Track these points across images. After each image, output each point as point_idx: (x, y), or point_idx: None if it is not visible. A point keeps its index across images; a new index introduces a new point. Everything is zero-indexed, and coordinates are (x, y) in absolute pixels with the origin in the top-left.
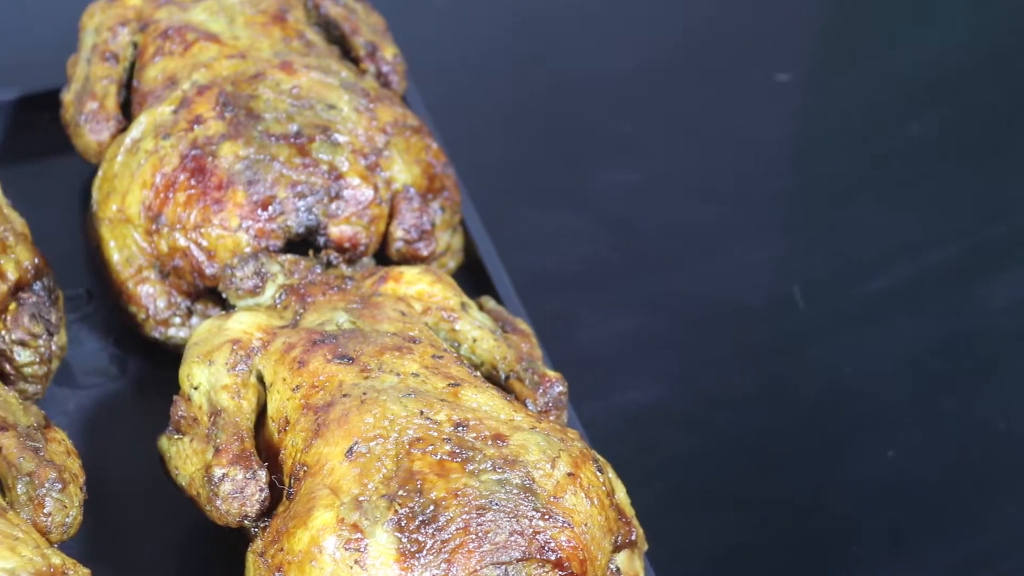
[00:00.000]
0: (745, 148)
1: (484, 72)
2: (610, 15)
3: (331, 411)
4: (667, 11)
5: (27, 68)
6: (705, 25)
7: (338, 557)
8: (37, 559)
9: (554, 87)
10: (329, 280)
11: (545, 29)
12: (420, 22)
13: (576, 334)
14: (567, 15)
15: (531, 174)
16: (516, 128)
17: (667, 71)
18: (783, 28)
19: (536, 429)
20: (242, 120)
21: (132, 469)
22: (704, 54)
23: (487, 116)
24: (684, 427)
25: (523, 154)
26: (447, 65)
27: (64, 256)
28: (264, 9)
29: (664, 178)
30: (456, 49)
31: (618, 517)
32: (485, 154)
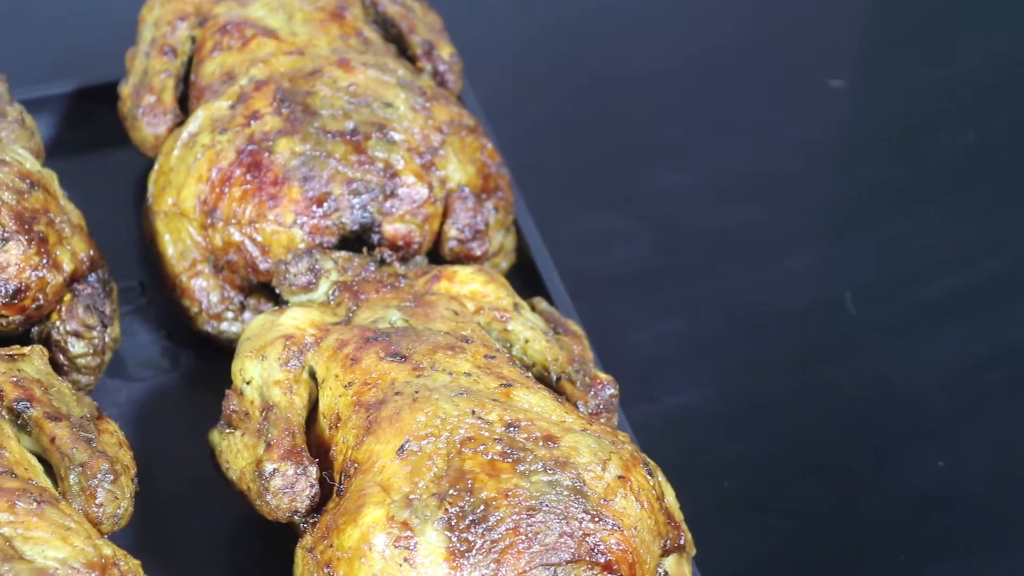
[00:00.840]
0: (796, 152)
1: (539, 73)
2: (666, 18)
3: (383, 409)
4: (722, 15)
5: (85, 60)
6: (759, 29)
7: (387, 555)
8: (88, 549)
9: (607, 89)
10: (382, 278)
11: (600, 31)
12: (476, 22)
13: (624, 336)
14: (622, 17)
15: (583, 175)
16: (569, 129)
17: (720, 75)
18: (838, 34)
19: (587, 431)
20: (299, 116)
21: (182, 462)
22: (758, 58)
23: (541, 117)
24: (731, 432)
25: (575, 155)
26: (502, 65)
27: (118, 248)
28: (322, 6)
29: (715, 181)
30: (511, 50)
31: (667, 521)
32: (538, 155)
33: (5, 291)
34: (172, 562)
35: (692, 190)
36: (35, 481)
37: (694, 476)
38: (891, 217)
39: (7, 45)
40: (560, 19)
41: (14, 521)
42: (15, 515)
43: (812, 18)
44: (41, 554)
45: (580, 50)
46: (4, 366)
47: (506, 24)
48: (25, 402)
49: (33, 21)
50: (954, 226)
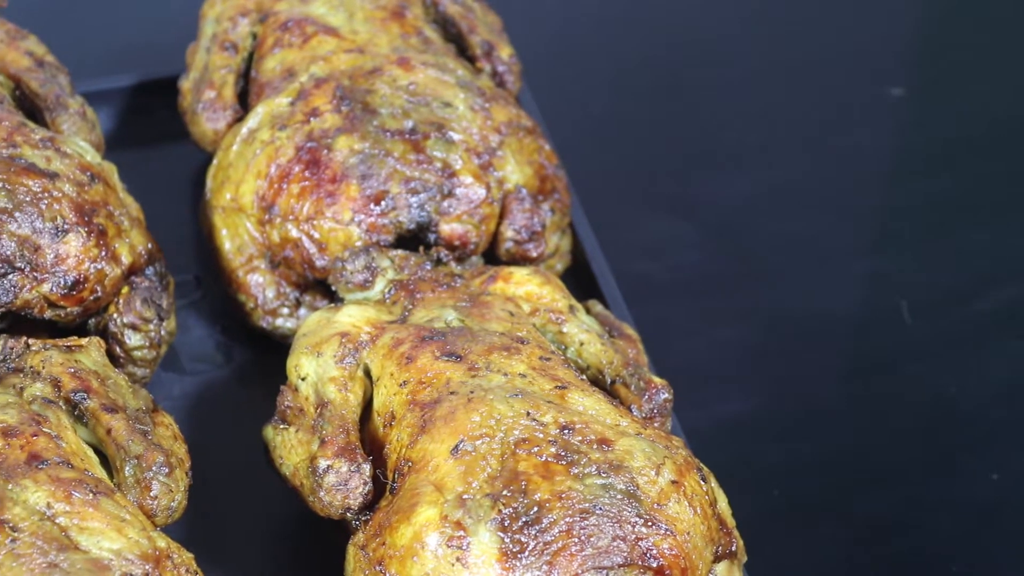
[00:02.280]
0: (857, 161)
1: (597, 76)
2: (729, 23)
3: (438, 408)
4: (786, 22)
5: (146, 55)
6: (823, 37)
7: (440, 554)
8: (143, 541)
9: (667, 93)
10: (439, 277)
11: (661, 35)
12: (535, 23)
13: (677, 341)
14: (685, 22)
15: (640, 179)
16: (627, 133)
17: (782, 81)
18: (901, 43)
19: (641, 435)
20: (358, 114)
21: (234, 456)
22: (820, 66)
23: (599, 120)
24: (783, 439)
25: (633, 159)
26: (561, 67)
27: (174, 242)
28: (383, 5)
29: (774, 189)
30: (571, 52)
31: (719, 527)
32: (596, 157)
33: (64, 282)
34: (223, 556)
35: (750, 197)
36: (91, 472)
37: (745, 483)
38: (948, 228)
39: (70, 38)
40: (621, 22)
41: (70, 511)
42: (71, 505)
43: (876, 25)
44: (96, 545)
45: (640, 54)
46: (62, 357)
47: (566, 26)
48: (82, 393)
49: (95, 15)
50: (1011, 238)
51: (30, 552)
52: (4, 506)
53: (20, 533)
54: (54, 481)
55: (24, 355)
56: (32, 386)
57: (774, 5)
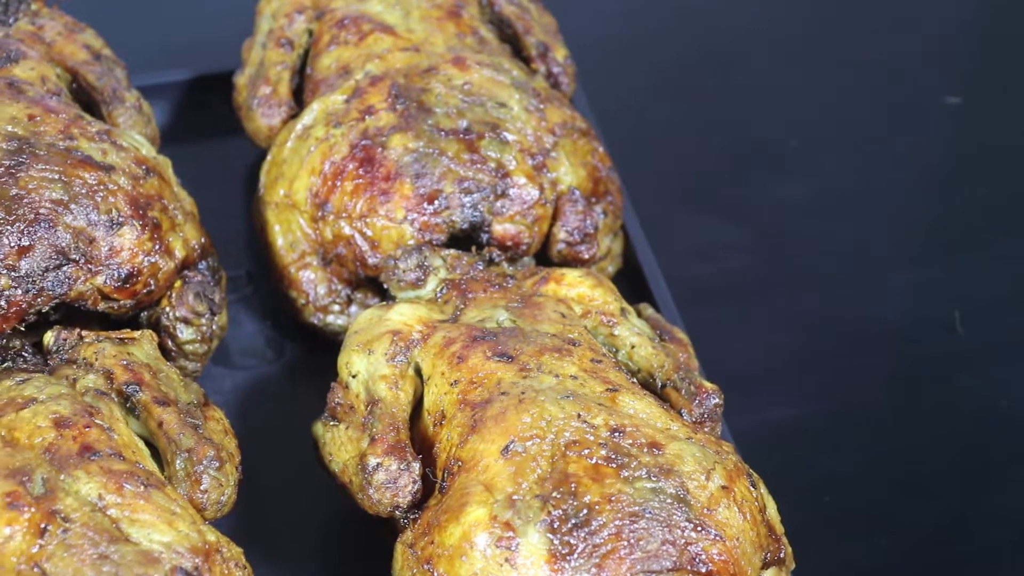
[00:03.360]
0: (911, 169)
1: (651, 78)
2: (784, 27)
3: (488, 408)
4: (841, 28)
5: (201, 50)
6: (878, 44)
7: (488, 554)
8: (193, 535)
9: (721, 98)
10: (491, 277)
11: (715, 40)
12: (590, 25)
13: (728, 346)
14: (739, 26)
15: (693, 182)
16: (680, 136)
17: (837, 88)
18: (956, 51)
19: (692, 440)
20: (413, 113)
21: (283, 452)
22: (876, 73)
23: (652, 122)
24: (833, 446)
25: (686, 162)
26: (615, 70)
27: (226, 237)
28: (440, 4)
29: (827, 195)
30: (625, 54)
31: (768, 533)
32: (648, 160)
33: (118, 275)
34: (270, 551)
35: (803, 202)
36: (142, 464)
37: (794, 489)
38: (1001, 237)
39: (126, 32)
40: (675, 26)
41: (121, 503)
42: (122, 497)
43: (933, 33)
44: (147, 537)
45: (695, 57)
46: (115, 349)
47: (620, 28)
48: (134, 386)
49: (152, 9)
50: None
51: (81, 543)
52: (56, 496)
53: (72, 524)
54: (106, 473)
55: (77, 347)
56: (85, 378)
57: (830, 11)
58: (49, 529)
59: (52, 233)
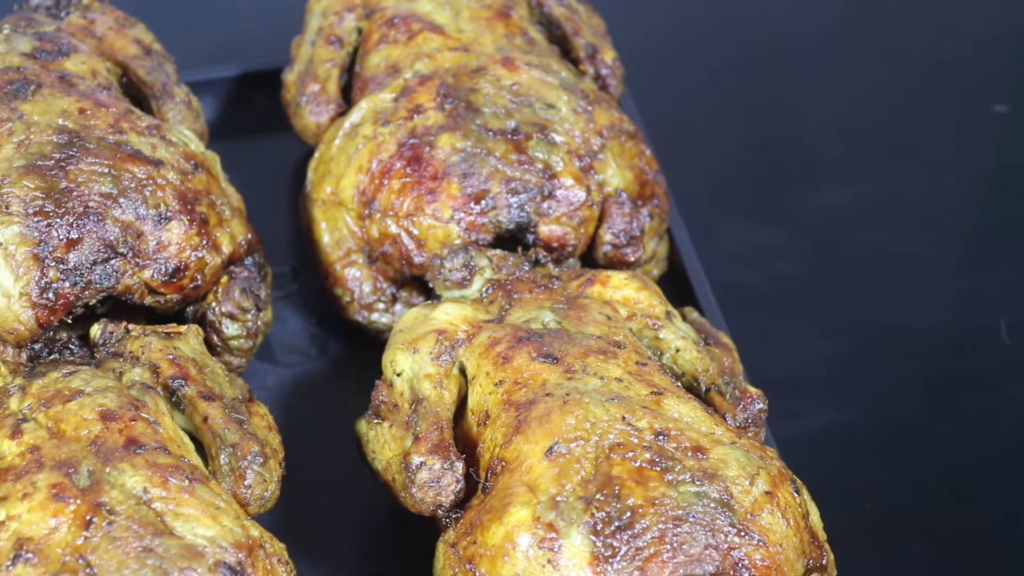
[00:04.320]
0: (956, 176)
1: (699, 82)
2: (833, 34)
3: (533, 409)
4: (888, 36)
5: (250, 46)
6: (926, 51)
7: (531, 555)
8: (237, 530)
9: (768, 103)
10: (536, 278)
11: (763, 44)
12: (638, 28)
13: (771, 351)
14: (788, 31)
15: (739, 188)
16: (727, 140)
17: (884, 95)
18: (1006, 59)
19: (736, 444)
20: (461, 113)
21: (325, 449)
22: (923, 80)
23: (699, 126)
24: (875, 454)
25: (732, 167)
26: (663, 73)
27: (271, 233)
28: (489, 4)
29: (872, 202)
30: (673, 57)
31: (811, 540)
32: (694, 164)
33: (165, 269)
34: (311, 547)
35: (850, 209)
36: (187, 459)
37: (836, 497)
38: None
39: (176, 27)
40: (724, 30)
41: (166, 497)
42: (167, 491)
43: (983, 41)
44: (191, 531)
45: (744, 61)
46: (161, 344)
47: (668, 31)
48: (180, 380)
49: (202, 5)
50: None
51: (126, 536)
52: (102, 489)
53: (117, 516)
54: (151, 466)
55: (124, 340)
56: (131, 371)
57: (879, 18)
58: (94, 521)
59: (101, 226)
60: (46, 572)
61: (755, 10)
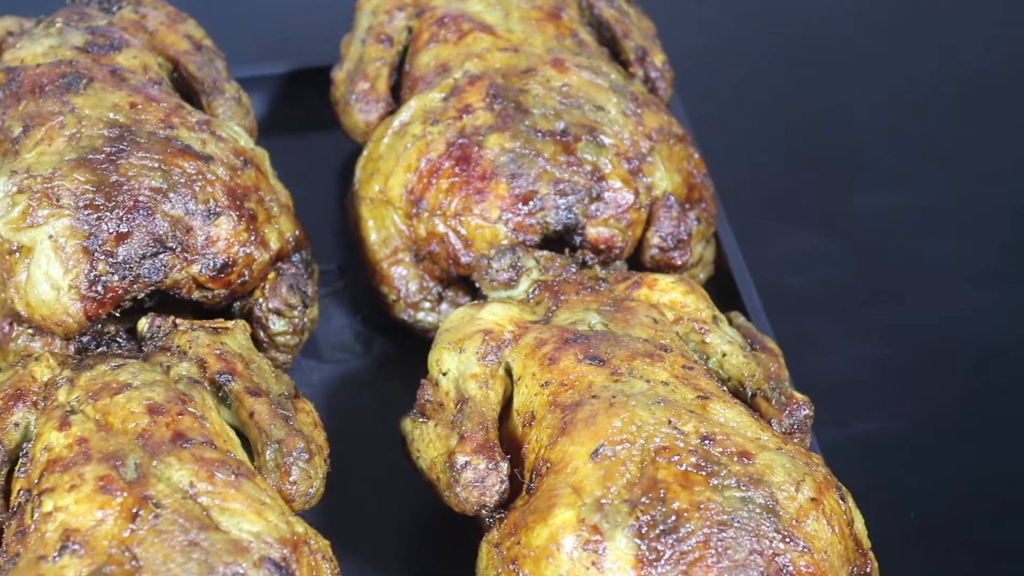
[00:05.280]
0: (1003, 185)
1: (747, 86)
2: (880, 43)
3: (579, 411)
4: (938, 43)
5: (299, 43)
6: (978, 58)
7: (575, 557)
8: (282, 526)
9: (816, 108)
10: (583, 280)
11: (812, 50)
12: (688, 31)
13: (816, 357)
14: (838, 38)
15: (786, 192)
16: (774, 145)
17: (933, 103)
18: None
19: (782, 450)
20: (510, 113)
21: (369, 446)
22: (972, 89)
23: (747, 130)
24: (920, 462)
25: (779, 172)
26: (712, 77)
27: (318, 231)
28: (540, 5)
29: (921, 209)
30: (722, 61)
31: (856, 548)
32: (741, 168)
33: (213, 264)
34: (353, 545)
35: (899, 216)
36: (233, 454)
37: (880, 504)
38: None
39: (226, 24)
40: (772, 34)
41: (212, 491)
42: (213, 485)
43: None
44: (236, 526)
45: (792, 66)
46: (208, 338)
47: (716, 35)
48: (227, 375)
49: (253, 2)
50: None
51: (172, 529)
52: (148, 482)
53: (163, 510)
54: (198, 460)
55: (171, 334)
56: (178, 365)
57: (930, 26)
58: (141, 514)
59: (150, 221)
60: (92, 564)
61: (804, 15)
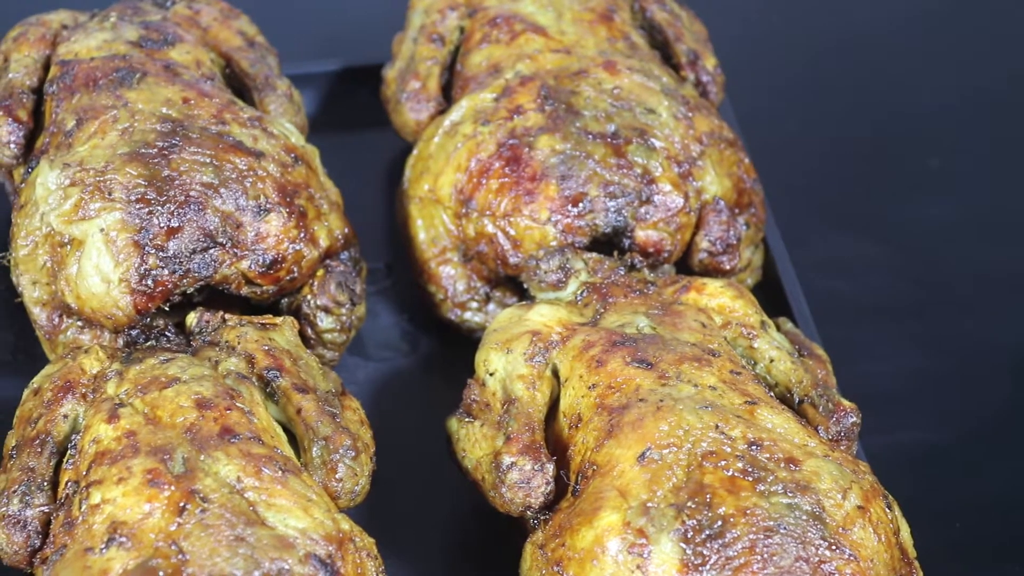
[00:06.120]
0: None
1: (798, 91)
2: (931, 48)
3: (626, 414)
4: (989, 50)
5: (350, 41)
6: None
7: (620, 560)
8: (328, 523)
9: (868, 113)
10: (631, 283)
11: (863, 56)
12: (739, 36)
13: (863, 365)
14: (890, 43)
15: (835, 198)
16: (824, 150)
17: (980, 110)
18: None
19: (829, 457)
20: (561, 115)
21: (414, 445)
22: (1021, 94)
23: (797, 136)
24: (966, 473)
25: (828, 178)
26: (762, 81)
27: (366, 228)
28: (592, 7)
29: (972, 217)
30: (773, 66)
31: (901, 557)
32: (790, 174)
33: (263, 261)
34: (397, 543)
35: (950, 224)
36: (280, 450)
37: (925, 514)
38: None
39: (279, 21)
40: (825, 41)
41: (259, 487)
42: (260, 481)
43: None
44: (282, 522)
45: (842, 74)
46: (257, 334)
47: (767, 39)
48: (275, 371)
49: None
50: None
51: (218, 524)
52: (196, 476)
53: (210, 504)
54: (245, 456)
55: (220, 329)
56: (227, 360)
57: (982, 28)
58: (188, 508)
59: (201, 216)
60: (139, 556)
61: (856, 20)
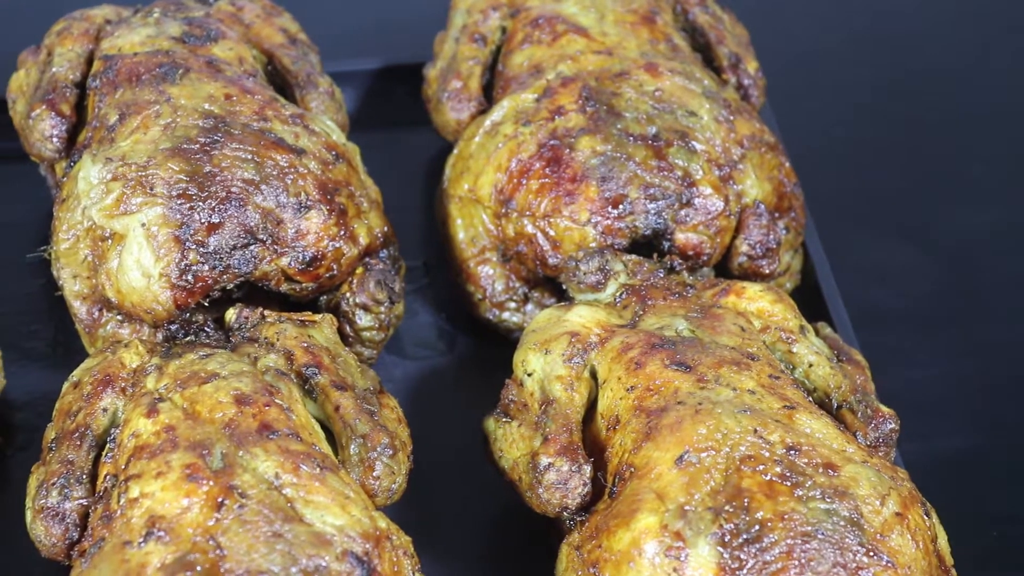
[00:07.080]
0: None
1: (840, 97)
2: (978, 54)
3: (664, 416)
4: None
5: (392, 39)
6: None
7: (657, 562)
8: (365, 520)
9: (911, 120)
10: (671, 285)
11: (909, 62)
12: (780, 40)
13: (902, 371)
14: (934, 50)
15: (875, 204)
16: (866, 157)
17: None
18: None
19: (868, 463)
20: (603, 116)
21: (450, 444)
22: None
23: (838, 141)
24: (1005, 482)
25: (869, 183)
26: (803, 86)
27: (405, 227)
28: (634, 9)
29: (1011, 225)
30: (814, 71)
31: (939, 565)
32: (831, 179)
33: (303, 258)
34: (433, 542)
35: (988, 231)
36: (318, 447)
37: (963, 522)
38: None
39: (321, 18)
40: (868, 46)
41: (297, 483)
42: (298, 478)
43: None
44: (320, 519)
45: (887, 79)
46: (296, 331)
47: (809, 44)
48: (314, 368)
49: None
50: None
51: (256, 520)
52: (234, 472)
53: (248, 500)
54: (283, 452)
55: (259, 326)
56: (266, 357)
57: (1019, 34)
58: (226, 503)
59: (242, 212)
60: (177, 551)
61: (898, 26)
